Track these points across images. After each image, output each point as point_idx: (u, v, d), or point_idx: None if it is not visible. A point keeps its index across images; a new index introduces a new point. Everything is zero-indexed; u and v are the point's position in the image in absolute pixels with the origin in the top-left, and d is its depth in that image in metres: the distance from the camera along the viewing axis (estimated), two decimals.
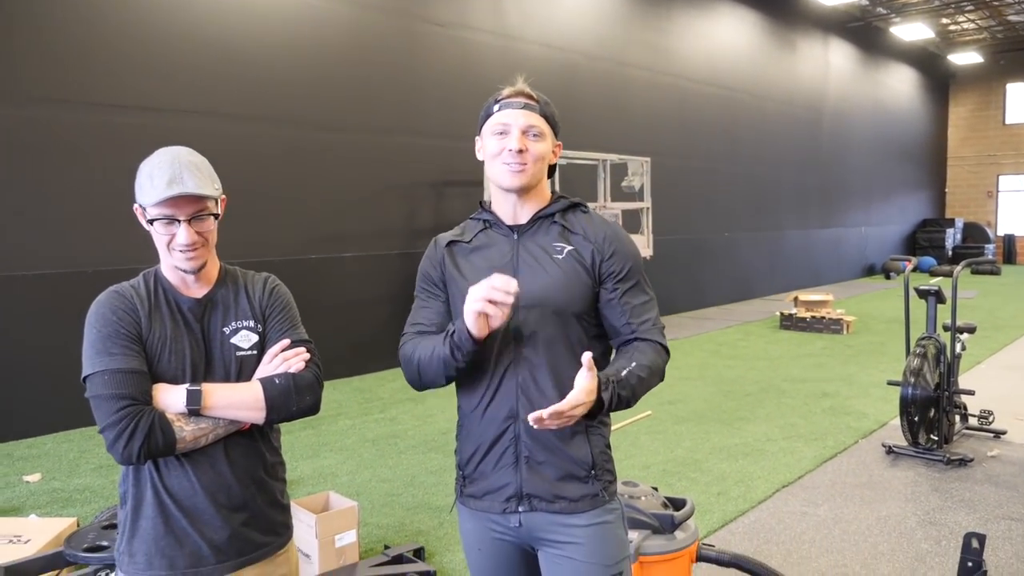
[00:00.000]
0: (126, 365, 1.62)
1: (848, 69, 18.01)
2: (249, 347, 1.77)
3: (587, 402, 1.61)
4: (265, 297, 1.83)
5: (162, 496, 1.69)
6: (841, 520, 4.13)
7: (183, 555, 1.69)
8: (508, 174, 1.76)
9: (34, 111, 5.88)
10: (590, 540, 1.77)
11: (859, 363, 8.37)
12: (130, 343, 1.65)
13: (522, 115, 1.75)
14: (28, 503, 4.53)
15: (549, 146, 1.79)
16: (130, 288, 1.73)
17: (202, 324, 1.75)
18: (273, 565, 1.81)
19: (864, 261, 19.37)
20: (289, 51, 7.50)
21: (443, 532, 4.01)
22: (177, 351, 1.69)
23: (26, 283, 5.88)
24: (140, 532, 1.70)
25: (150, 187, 1.64)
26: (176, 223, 1.65)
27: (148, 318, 1.69)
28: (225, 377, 1.73)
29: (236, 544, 1.73)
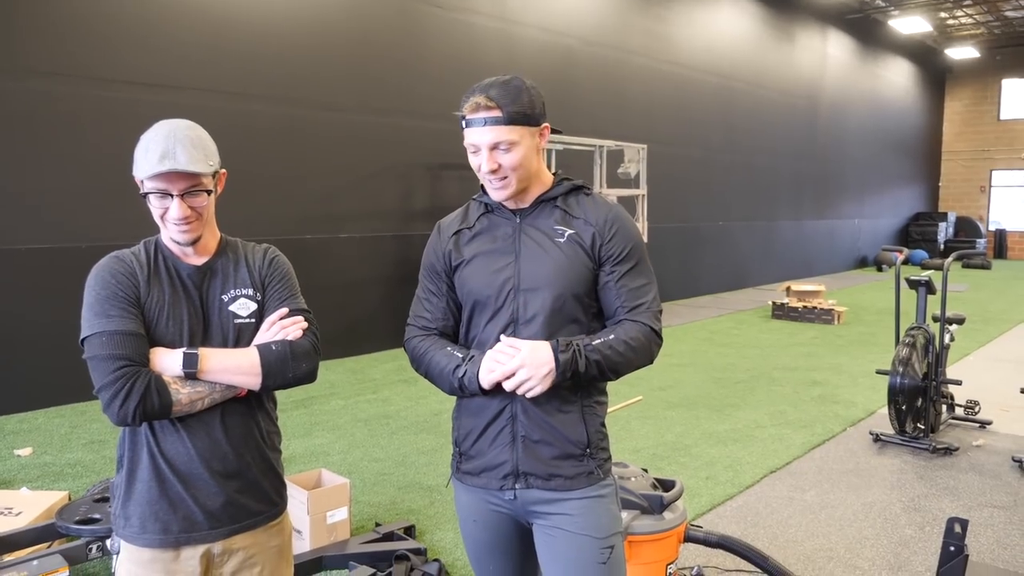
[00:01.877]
0: (123, 327, 1.62)
1: (845, 61, 18.01)
2: (247, 315, 1.78)
3: (530, 365, 1.68)
4: (265, 267, 1.84)
5: (158, 460, 1.69)
6: (827, 505, 4.17)
7: (177, 519, 1.70)
8: (493, 190, 1.79)
9: (31, 84, 5.85)
10: (583, 513, 1.79)
11: (849, 353, 8.43)
12: (128, 306, 1.65)
13: (486, 132, 1.71)
14: (19, 477, 4.54)
15: (526, 147, 1.74)
16: (130, 254, 1.74)
17: (200, 291, 1.76)
18: (267, 534, 1.81)
19: (857, 253, 19.45)
20: (288, 29, 7.46)
21: (434, 511, 4.05)
22: (175, 316, 1.70)
23: (18, 257, 5.86)
24: (135, 495, 1.71)
25: (144, 160, 1.64)
26: (169, 197, 1.65)
27: (147, 283, 1.70)
28: (223, 344, 1.74)
29: (230, 511, 1.74)
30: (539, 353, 1.69)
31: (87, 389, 1.65)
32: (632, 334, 1.77)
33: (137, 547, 1.71)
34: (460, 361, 1.78)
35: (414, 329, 1.91)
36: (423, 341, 1.87)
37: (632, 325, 1.78)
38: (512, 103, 1.71)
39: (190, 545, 1.71)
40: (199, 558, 1.72)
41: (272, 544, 1.83)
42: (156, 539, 1.70)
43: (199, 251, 1.77)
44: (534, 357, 1.69)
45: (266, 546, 1.82)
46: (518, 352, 1.70)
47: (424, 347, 1.86)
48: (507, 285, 1.79)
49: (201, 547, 1.72)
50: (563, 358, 1.69)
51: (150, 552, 1.70)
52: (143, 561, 1.71)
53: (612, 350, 1.74)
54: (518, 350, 1.70)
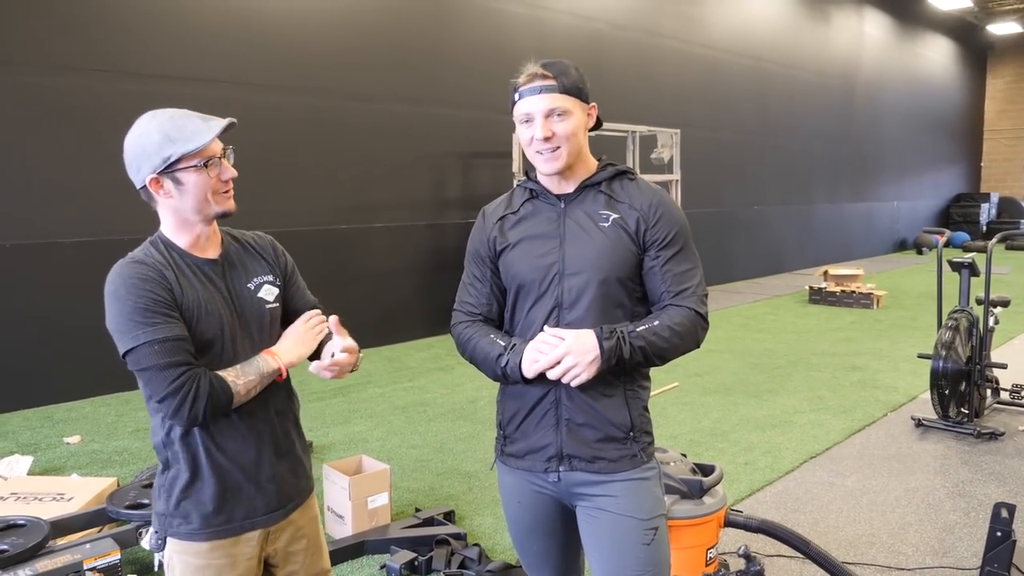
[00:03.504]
0: (172, 333, 1.60)
1: (883, 39, 17.63)
2: (273, 300, 1.82)
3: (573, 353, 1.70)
4: (280, 256, 1.90)
5: (215, 455, 1.70)
6: (869, 491, 4.13)
7: (240, 509, 1.73)
8: (543, 162, 1.78)
9: (69, 80, 5.96)
10: (626, 495, 1.80)
11: (889, 337, 8.30)
12: (170, 310, 1.62)
13: (542, 100, 1.73)
14: (69, 463, 4.66)
15: (578, 119, 1.76)
16: (147, 256, 1.68)
17: (227, 282, 1.76)
18: (304, 510, 1.88)
19: (896, 236, 19.11)
20: (320, 21, 7.51)
21: (472, 497, 4.08)
22: (212, 311, 1.69)
23: (65, 251, 6.00)
24: (193, 492, 1.71)
25: (190, 133, 1.61)
26: (217, 162, 1.67)
27: (176, 282, 1.66)
28: (260, 331, 1.78)
29: (284, 491, 1.80)
30: (584, 341, 1.70)
31: (132, 378, 1.66)
32: (677, 319, 1.77)
33: (196, 542, 1.72)
34: (503, 350, 1.80)
35: (460, 315, 1.94)
36: (468, 327, 1.90)
37: (677, 310, 1.78)
38: (565, 76, 1.76)
39: (252, 529, 1.76)
40: (257, 539, 1.77)
41: (312, 515, 1.91)
42: (221, 531, 1.72)
43: (213, 239, 1.77)
44: (579, 345, 1.70)
45: (308, 517, 1.89)
46: (562, 341, 1.71)
47: (469, 333, 1.88)
48: (552, 270, 1.80)
49: (260, 530, 1.77)
50: (608, 345, 1.70)
51: (210, 543, 1.72)
52: (202, 552, 1.72)
53: (657, 336, 1.74)
54: (562, 339, 1.71)
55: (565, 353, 1.70)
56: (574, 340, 1.70)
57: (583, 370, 1.70)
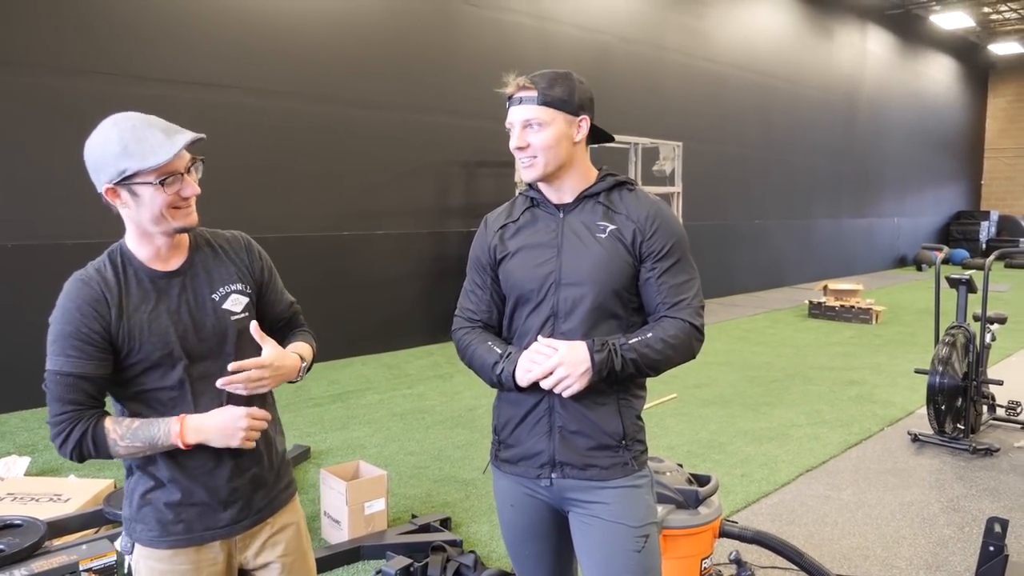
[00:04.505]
0: (76, 369, 1.57)
1: (885, 57, 17.71)
2: (241, 310, 1.74)
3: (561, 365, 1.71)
4: (253, 259, 1.81)
5: (173, 468, 1.68)
6: (864, 504, 4.14)
7: (199, 518, 1.70)
8: (523, 169, 1.83)
9: (70, 82, 6.00)
10: (617, 502, 1.82)
11: (887, 353, 8.31)
12: (88, 344, 1.58)
13: (520, 111, 1.77)
14: (66, 465, 4.67)
15: (558, 131, 1.77)
16: (97, 275, 1.64)
17: (185, 296, 1.68)
18: (283, 515, 1.85)
19: (896, 252, 19.13)
20: (327, 28, 7.56)
21: (469, 504, 4.09)
22: (157, 331, 1.63)
23: (65, 252, 6.02)
24: (152, 501, 1.69)
25: (150, 148, 1.55)
26: (179, 177, 1.59)
27: (119, 306, 1.61)
28: (219, 345, 1.70)
29: (248, 503, 1.76)
30: (576, 352, 1.72)
31: None
32: (671, 331, 1.78)
33: (157, 548, 1.70)
34: (499, 358, 1.82)
35: (460, 320, 1.97)
36: (468, 334, 1.92)
37: (672, 322, 1.80)
38: (549, 87, 1.77)
39: (214, 540, 1.73)
40: (220, 547, 1.74)
41: (291, 522, 1.86)
42: (180, 539, 1.70)
43: (178, 247, 1.71)
44: (571, 356, 1.72)
45: (285, 524, 1.85)
46: (555, 351, 1.73)
47: (468, 339, 1.91)
48: (548, 279, 1.82)
49: (224, 539, 1.75)
50: (599, 358, 1.72)
51: (171, 551, 1.70)
52: (164, 557, 1.70)
53: (649, 348, 1.76)
54: (555, 349, 1.73)
55: (557, 364, 1.72)
56: (567, 351, 1.72)
57: (575, 381, 1.72)
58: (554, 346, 1.74)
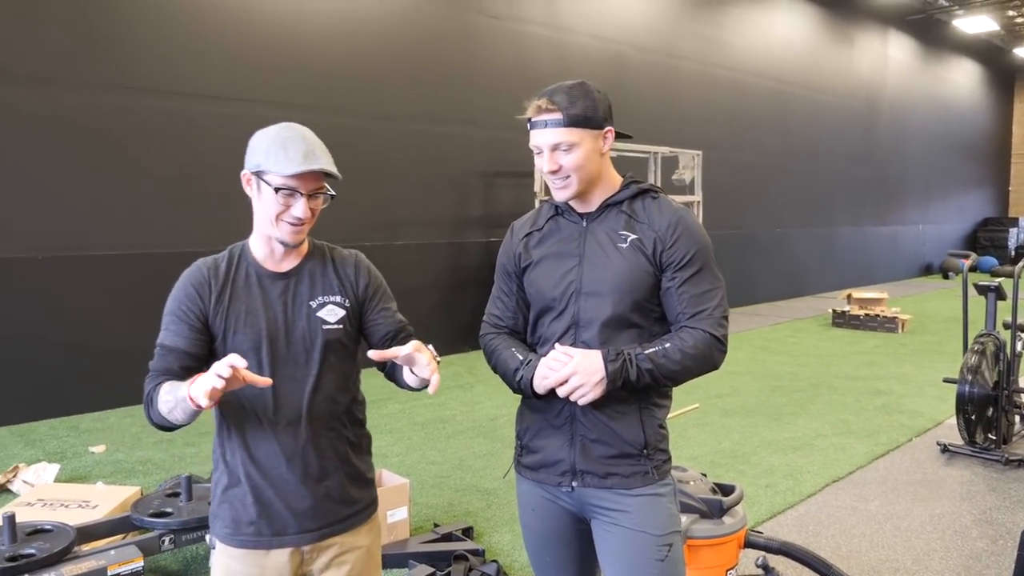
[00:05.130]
0: (167, 341, 1.72)
1: (907, 63, 17.57)
2: (335, 321, 1.79)
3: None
4: (362, 277, 1.86)
5: (249, 466, 1.74)
6: (893, 516, 4.08)
7: (268, 523, 1.74)
8: (555, 191, 1.82)
9: (108, 98, 6.10)
10: (640, 510, 1.81)
11: (914, 362, 8.21)
12: (181, 322, 1.72)
13: (547, 134, 1.75)
14: (94, 472, 4.72)
15: (587, 149, 1.76)
16: (211, 264, 1.78)
17: (285, 298, 1.77)
18: (355, 536, 1.84)
19: (921, 260, 18.92)
20: (346, 42, 7.62)
21: (491, 514, 4.08)
22: (252, 324, 1.72)
23: (94, 263, 6.11)
24: (229, 498, 1.77)
25: (285, 157, 1.66)
26: (296, 196, 1.69)
27: (220, 294, 1.73)
28: (307, 348, 1.76)
29: (319, 514, 1.77)
30: (591, 361, 1.72)
31: None
32: (690, 342, 1.76)
33: (231, 546, 1.77)
34: (520, 364, 1.83)
35: (487, 326, 1.98)
36: (494, 339, 1.94)
37: (691, 332, 1.77)
38: (572, 105, 1.74)
39: (281, 547, 1.76)
40: (289, 556, 1.76)
41: (361, 544, 1.85)
42: (250, 540, 1.75)
43: (291, 253, 1.80)
44: (586, 365, 1.71)
45: (354, 545, 1.83)
46: (570, 360, 1.73)
47: (494, 345, 1.93)
48: (570, 288, 1.82)
49: (292, 548, 1.77)
50: (612, 367, 1.71)
51: (243, 550, 1.76)
52: (236, 556, 1.76)
53: (666, 359, 1.74)
54: (571, 358, 1.73)
55: (572, 372, 1.71)
56: (581, 360, 1.72)
57: (589, 390, 1.71)
58: (569, 354, 1.74)
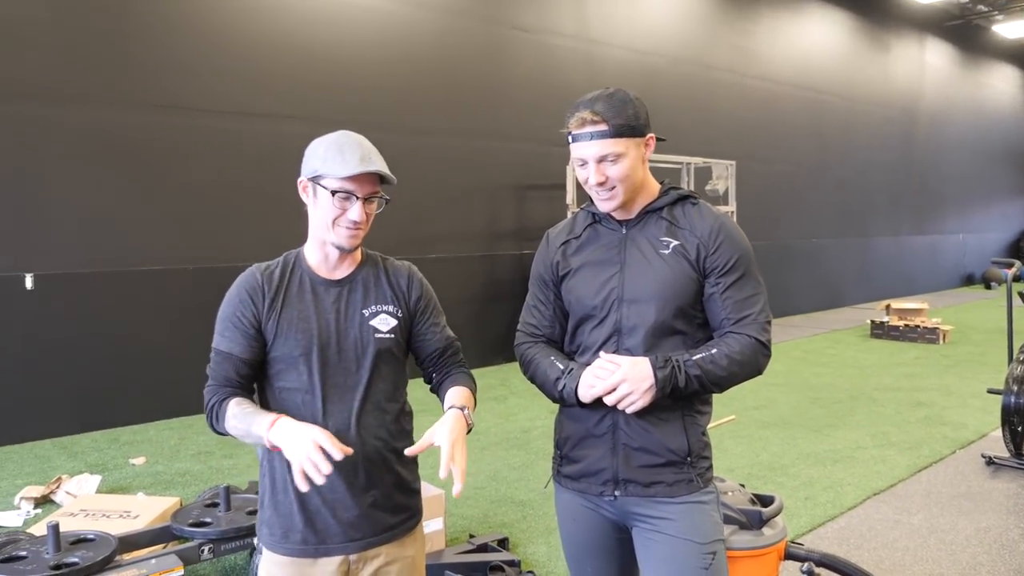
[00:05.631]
0: (225, 348, 1.75)
1: (946, 69, 17.30)
2: (387, 330, 1.81)
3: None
4: (415, 289, 1.88)
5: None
6: (937, 530, 3.99)
7: (315, 531, 1.75)
8: (600, 201, 1.81)
9: (148, 117, 6.24)
10: (683, 517, 1.79)
11: (956, 373, 8.03)
12: (236, 328, 1.75)
13: (593, 145, 1.73)
14: (134, 483, 4.80)
15: (632, 158, 1.75)
16: (265, 269, 1.80)
17: (338, 305, 1.79)
18: (401, 545, 1.84)
19: (962, 270, 18.54)
20: (378, 57, 7.72)
21: (526, 525, 4.06)
22: (304, 331, 1.74)
23: (134, 278, 6.23)
24: (277, 506, 1.78)
25: (342, 161, 1.70)
26: (353, 199, 1.72)
27: (273, 300, 1.75)
28: (358, 356, 1.77)
29: (365, 523, 1.77)
30: (639, 369, 1.71)
31: (194, 403, 1.78)
32: (736, 347, 1.75)
33: (278, 554, 1.78)
34: (561, 373, 1.81)
35: (523, 335, 1.97)
36: (531, 348, 1.93)
37: (737, 338, 1.77)
38: (617, 115, 1.73)
39: (328, 555, 1.76)
40: (336, 565, 1.76)
41: (407, 554, 1.85)
42: (296, 549, 1.76)
43: (346, 261, 1.82)
44: (634, 372, 1.70)
45: (400, 556, 1.84)
46: (618, 367, 1.71)
47: (531, 354, 1.91)
48: (611, 296, 1.81)
49: (338, 557, 1.77)
50: (662, 375, 1.70)
51: (289, 558, 1.76)
52: (282, 564, 1.77)
53: (714, 364, 1.73)
54: (618, 365, 1.72)
55: (621, 380, 1.70)
56: (630, 367, 1.71)
57: (639, 397, 1.70)
58: (617, 362, 1.72)
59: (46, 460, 5.29)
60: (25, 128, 5.74)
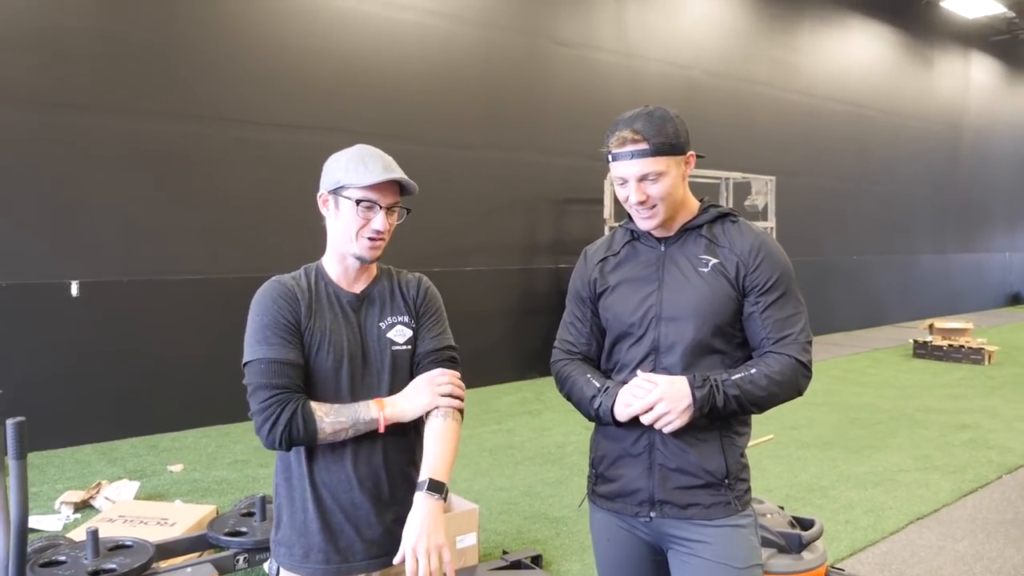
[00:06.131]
0: (282, 355, 1.66)
1: (991, 85, 16.97)
2: (404, 342, 1.81)
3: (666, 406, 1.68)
4: (420, 297, 1.88)
5: (320, 490, 1.72)
6: (983, 557, 3.87)
7: (338, 550, 1.73)
8: (640, 220, 1.80)
9: (190, 127, 6.37)
10: (720, 540, 1.76)
11: (1002, 395, 7.82)
12: (287, 333, 1.69)
13: (634, 164, 1.72)
14: (172, 491, 4.86)
15: (673, 177, 1.74)
16: (291, 279, 1.78)
17: (359, 318, 1.79)
18: None
19: (1008, 289, 18.09)
20: (418, 71, 7.79)
21: (560, 542, 4.03)
22: (335, 343, 1.73)
23: (173, 287, 6.34)
24: (297, 525, 1.74)
25: (365, 170, 1.71)
26: (376, 209, 1.73)
27: (308, 308, 1.73)
28: (379, 370, 1.77)
29: (387, 540, 1.74)
30: (677, 388, 1.69)
31: (231, 412, 1.75)
32: (776, 368, 1.73)
33: (297, 573, 1.74)
34: (597, 391, 1.80)
35: (559, 352, 1.95)
36: (567, 365, 1.91)
37: (776, 358, 1.74)
38: (657, 134, 1.72)
39: (350, 574, 1.74)
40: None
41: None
42: (319, 569, 1.73)
43: (364, 274, 1.82)
44: (672, 391, 1.68)
45: None
46: (655, 387, 1.69)
47: (568, 371, 1.89)
48: (649, 313, 1.79)
49: (360, 575, 1.75)
50: (700, 394, 1.68)
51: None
52: None
53: (753, 384, 1.71)
54: (655, 384, 1.70)
55: (658, 399, 1.68)
56: (668, 387, 1.69)
57: (676, 417, 1.68)
58: (654, 381, 1.71)
59: (86, 465, 5.39)
60: (70, 137, 5.88)
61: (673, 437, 1.75)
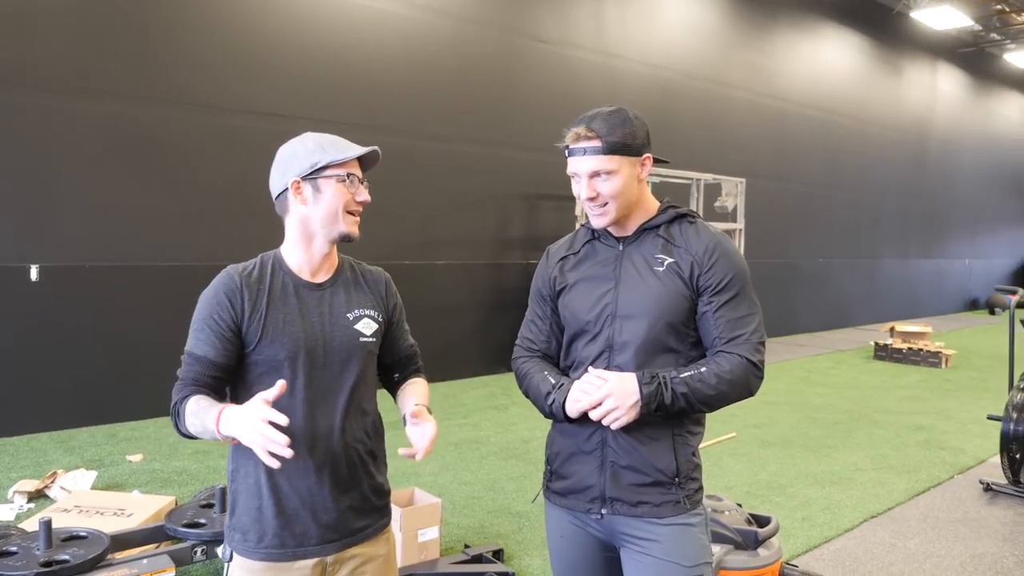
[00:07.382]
0: (196, 350, 1.71)
1: (957, 95, 17.32)
2: (371, 334, 1.82)
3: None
4: (391, 295, 1.91)
5: (276, 477, 1.72)
6: (932, 555, 3.96)
7: (293, 534, 1.73)
8: (593, 217, 1.82)
9: (165, 112, 6.27)
10: (670, 539, 1.78)
11: (957, 398, 8.00)
12: (211, 331, 1.70)
13: (586, 161, 1.75)
14: (130, 481, 4.79)
15: (626, 176, 1.76)
16: (242, 270, 1.77)
17: (322, 309, 1.78)
18: (375, 545, 1.84)
19: (967, 295, 18.50)
20: (394, 62, 7.75)
21: (522, 536, 4.05)
22: (290, 334, 1.72)
23: (137, 274, 6.25)
24: (252, 511, 1.74)
25: (341, 148, 1.74)
26: (357, 182, 1.75)
27: (254, 302, 1.72)
28: (343, 360, 1.77)
29: (342, 524, 1.77)
30: (625, 384, 1.71)
31: None
32: (726, 367, 1.74)
33: (251, 559, 1.74)
34: (551, 388, 1.81)
35: (520, 350, 1.98)
36: (526, 363, 1.93)
37: (728, 358, 1.76)
38: (611, 133, 1.74)
39: (305, 558, 1.75)
40: (312, 567, 1.75)
41: (380, 553, 1.86)
42: (273, 553, 1.73)
43: (327, 264, 1.81)
44: (620, 388, 1.70)
45: (374, 555, 1.84)
46: (604, 383, 1.71)
47: (526, 368, 1.92)
48: (605, 311, 1.82)
49: (314, 559, 1.75)
50: (647, 390, 1.70)
51: (264, 563, 1.74)
52: (256, 569, 1.74)
53: (702, 383, 1.72)
54: (605, 380, 1.72)
55: (606, 395, 1.70)
56: (616, 383, 1.71)
57: (623, 413, 1.70)
58: (604, 377, 1.73)
59: (42, 454, 5.29)
60: (38, 119, 5.76)
61: (625, 435, 1.77)
